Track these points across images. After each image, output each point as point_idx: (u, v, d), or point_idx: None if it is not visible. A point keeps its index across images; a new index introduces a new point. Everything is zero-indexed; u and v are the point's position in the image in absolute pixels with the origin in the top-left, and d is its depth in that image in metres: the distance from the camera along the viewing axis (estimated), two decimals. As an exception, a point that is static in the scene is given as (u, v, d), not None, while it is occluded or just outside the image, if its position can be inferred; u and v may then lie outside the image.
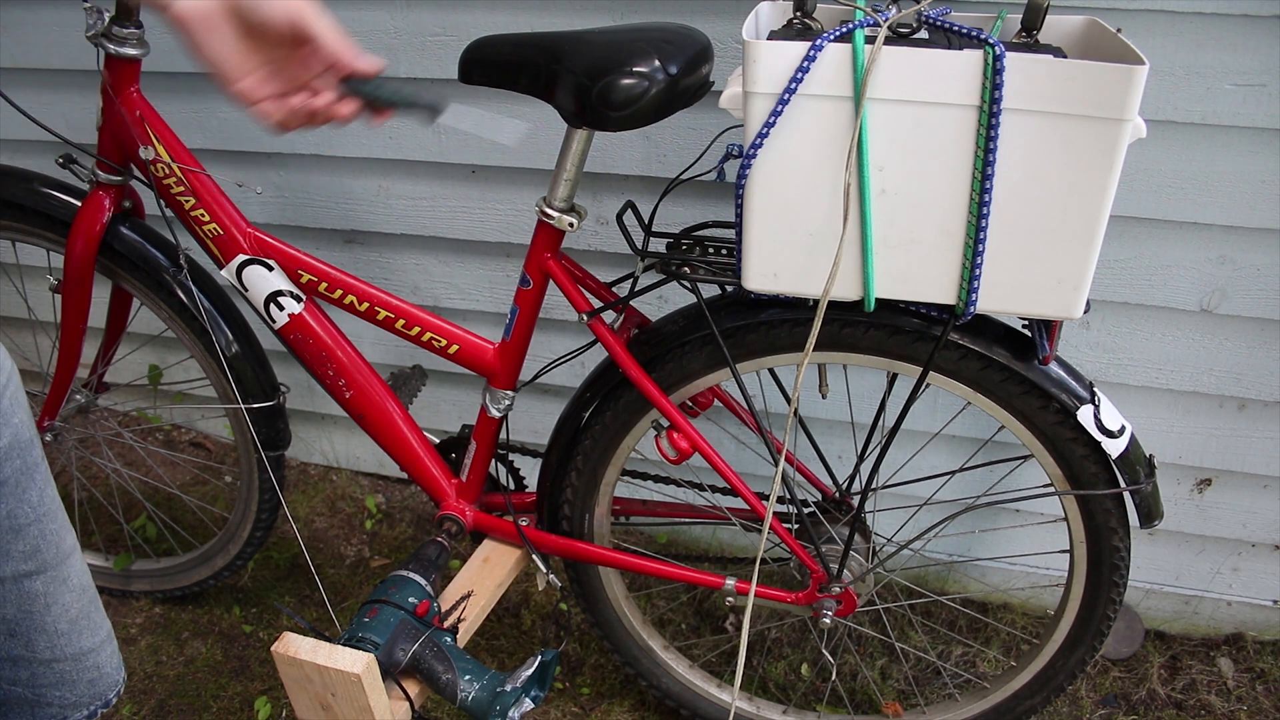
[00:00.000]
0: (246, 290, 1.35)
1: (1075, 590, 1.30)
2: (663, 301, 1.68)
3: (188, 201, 1.33)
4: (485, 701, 1.21)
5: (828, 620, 1.34)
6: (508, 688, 1.21)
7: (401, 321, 1.34)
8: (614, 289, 1.35)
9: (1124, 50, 0.96)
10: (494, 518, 1.47)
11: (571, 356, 1.43)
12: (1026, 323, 1.20)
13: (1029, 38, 1.03)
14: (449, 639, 1.28)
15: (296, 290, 1.35)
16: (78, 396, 1.66)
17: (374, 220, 1.80)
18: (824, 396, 1.40)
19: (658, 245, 1.30)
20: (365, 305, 1.34)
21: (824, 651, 1.63)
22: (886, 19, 0.96)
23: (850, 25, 0.94)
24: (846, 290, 1.07)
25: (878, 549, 1.44)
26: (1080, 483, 1.21)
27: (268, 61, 0.81)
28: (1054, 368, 1.17)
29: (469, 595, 1.38)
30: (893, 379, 1.32)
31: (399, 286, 1.86)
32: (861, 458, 1.41)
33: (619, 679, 1.69)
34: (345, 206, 1.80)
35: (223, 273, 1.36)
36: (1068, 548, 1.29)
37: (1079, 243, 0.99)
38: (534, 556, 1.42)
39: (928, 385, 1.21)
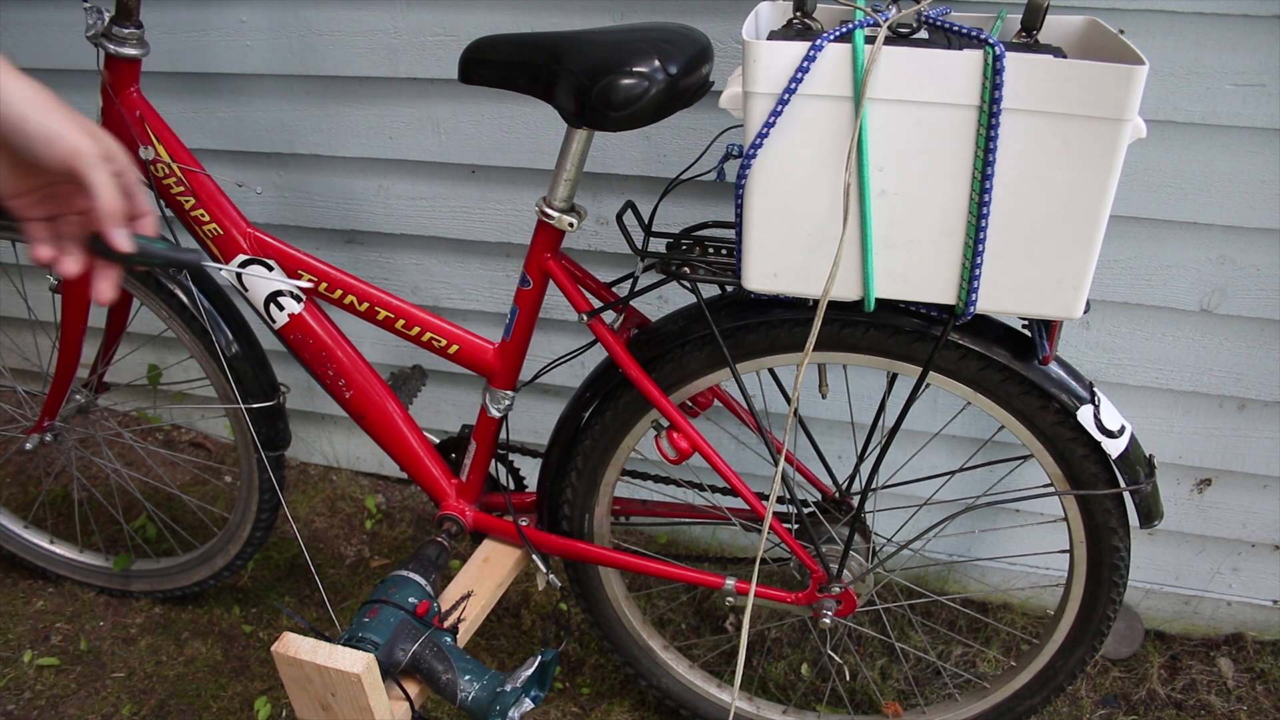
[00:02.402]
0: (246, 290, 1.35)
1: (1075, 590, 1.30)
2: (663, 301, 1.68)
3: (188, 201, 1.33)
4: (485, 701, 1.21)
5: (828, 620, 1.34)
6: (508, 688, 1.21)
7: (401, 321, 1.34)
8: (614, 289, 1.35)
9: (1124, 50, 0.96)
10: (494, 518, 1.47)
11: (571, 356, 1.43)
12: (1026, 323, 1.20)
13: (1029, 38, 1.03)
14: (449, 639, 1.28)
15: (296, 290, 1.35)
16: (78, 396, 1.66)
17: (374, 220, 1.80)
18: (824, 396, 1.40)
19: (658, 245, 1.30)
20: (365, 305, 1.34)
21: (830, 654, 1.63)
22: (886, 19, 0.96)
23: (850, 25, 0.94)
24: (846, 290, 1.07)
25: (878, 549, 1.44)
26: (1080, 483, 1.21)
27: (42, 186, 0.76)
28: (1054, 368, 1.17)
29: (469, 595, 1.38)
30: (893, 379, 1.32)
31: (399, 286, 1.86)
32: (861, 458, 1.41)
33: (619, 679, 1.69)
34: (345, 206, 1.80)
35: (223, 272, 1.36)
36: (1068, 548, 1.29)
37: (1079, 243, 0.99)
38: (534, 556, 1.42)
39: (928, 385, 1.21)
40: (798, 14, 1.07)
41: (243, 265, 1.34)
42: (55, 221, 0.77)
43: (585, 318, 1.26)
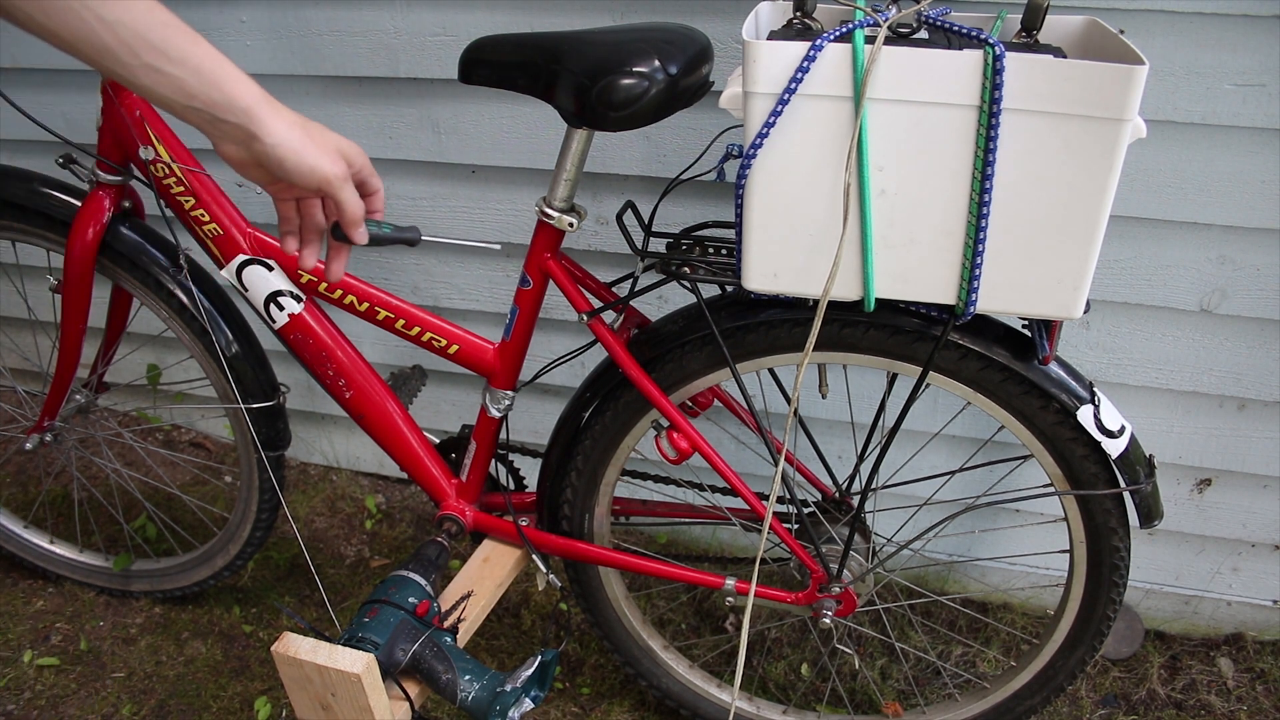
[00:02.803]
0: (246, 290, 1.35)
1: (1075, 590, 1.30)
2: (663, 301, 1.68)
3: (188, 201, 1.33)
4: (485, 701, 1.21)
5: (828, 620, 1.34)
6: (508, 688, 1.21)
7: (401, 321, 1.34)
8: (614, 289, 1.35)
9: (1124, 50, 0.96)
10: (494, 518, 1.47)
11: (571, 356, 1.43)
12: (1026, 323, 1.20)
13: (1029, 38, 1.03)
14: (449, 639, 1.28)
15: (297, 290, 1.35)
16: (78, 396, 1.66)
17: (374, 220, 1.79)
18: (824, 396, 1.39)
19: (658, 245, 1.30)
20: (365, 305, 1.34)
21: (840, 646, 1.63)
22: (886, 19, 0.96)
23: (850, 25, 0.94)
24: (846, 290, 1.07)
25: (878, 549, 1.44)
26: (1080, 483, 1.21)
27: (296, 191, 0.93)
28: (1054, 368, 1.17)
29: (469, 595, 1.38)
30: (893, 379, 1.32)
31: (399, 286, 1.86)
32: (861, 458, 1.41)
33: (619, 679, 1.69)
34: (345, 206, 1.80)
35: (223, 273, 1.36)
36: (1068, 548, 1.29)
37: (1079, 243, 0.99)
38: (534, 556, 1.42)
39: (928, 385, 1.21)
40: (798, 14, 1.07)
41: (242, 265, 1.34)
42: (305, 215, 0.95)
43: (585, 318, 1.26)
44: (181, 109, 0.83)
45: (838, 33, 0.95)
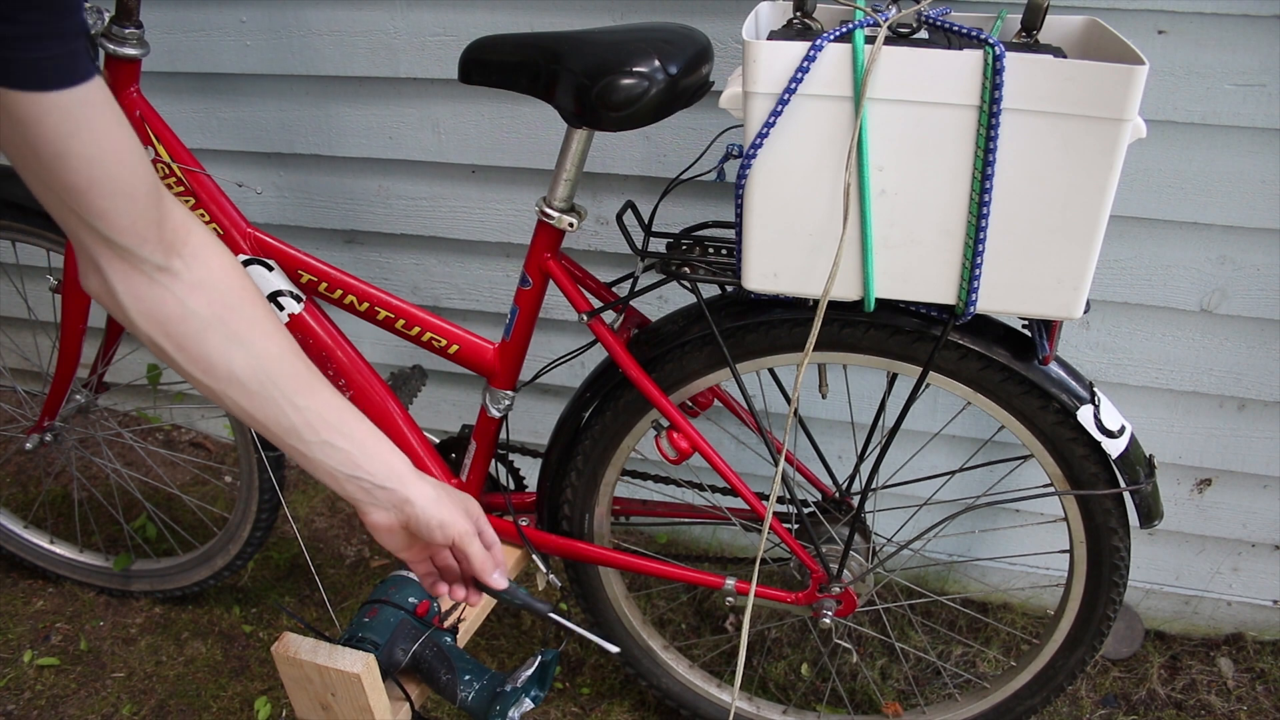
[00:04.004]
0: (246, 290, 1.35)
1: (1075, 590, 1.30)
2: (663, 301, 1.68)
3: (188, 202, 1.33)
4: (485, 701, 1.20)
5: (828, 620, 1.34)
6: (508, 688, 1.21)
7: (401, 321, 1.34)
8: (614, 289, 1.35)
9: (1124, 50, 0.96)
10: (494, 518, 1.46)
11: (571, 356, 1.43)
12: (1026, 323, 1.20)
13: (1029, 38, 1.03)
14: (449, 639, 1.28)
15: (297, 290, 1.35)
16: (78, 396, 1.66)
17: (374, 220, 1.80)
18: (824, 396, 1.39)
19: (658, 245, 1.30)
20: (365, 305, 1.34)
21: (841, 643, 1.63)
22: (886, 19, 0.96)
23: (850, 25, 0.94)
24: (846, 290, 1.07)
25: (878, 549, 1.44)
26: (1080, 483, 1.21)
27: (428, 548, 1.04)
28: (1054, 368, 1.17)
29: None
30: (893, 379, 1.32)
31: (399, 286, 1.86)
32: (861, 458, 1.41)
33: (619, 679, 1.69)
34: (345, 206, 1.80)
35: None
36: (1068, 548, 1.29)
37: (1079, 243, 0.99)
38: (534, 556, 1.42)
39: (928, 385, 1.21)
40: (798, 14, 1.07)
41: (242, 265, 1.34)
42: (441, 568, 1.07)
43: (585, 318, 1.26)
44: (344, 479, 0.93)
45: (838, 33, 0.95)
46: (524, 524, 1.42)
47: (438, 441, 1.48)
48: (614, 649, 1.16)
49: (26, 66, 0.68)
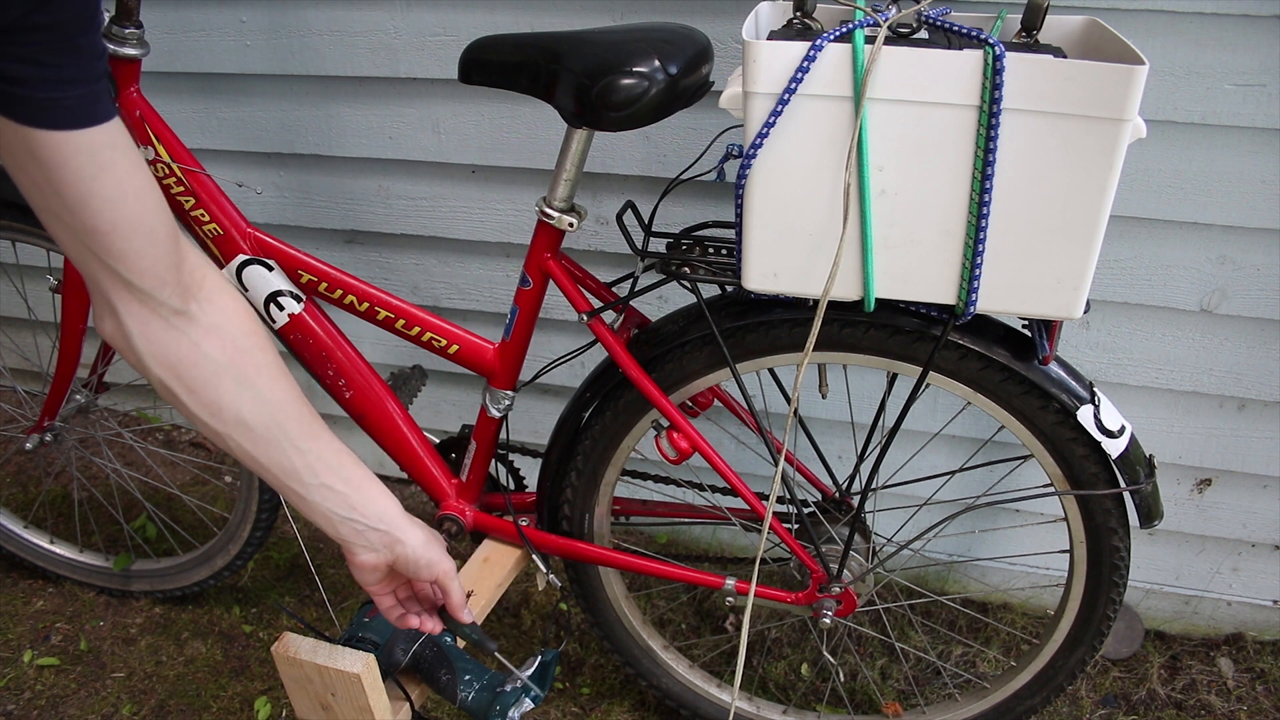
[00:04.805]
0: (246, 290, 1.35)
1: (1075, 590, 1.30)
2: (663, 301, 1.68)
3: (188, 202, 1.33)
4: (485, 701, 1.21)
5: (828, 620, 1.34)
6: (508, 688, 1.21)
7: (401, 321, 1.34)
8: (614, 289, 1.35)
9: (1124, 50, 0.96)
10: (494, 518, 1.47)
11: (571, 356, 1.43)
12: (1026, 323, 1.20)
13: (1029, 38, 1.03)
14: (449, 639, 1.28)
15: (297, 290, 1.35)
16: (78, 396, 1.66)
17: (374, 220, 1.80)
18: (824, 396, 1.39)
19: (658, 245, 1.30)
20: (365, 305, 1.34)
21: (847, 643, 1.63)
22: (886, 19, 0.96)
23: (850, 25, 0.94)
24: (846, 290, 1.07)
25: (878, 549, 1.44)
26: (1080, 483, 1.21)
27: (401, 581, 1.07)
28: (1054, 368, 1.17)
29: (469, 595, 1.38)
30: (893, 379, 1.32)
31: (399, 286, 1.86)
32: (861, 458, 1.41)
33: (619, 679, 1.69)
34: (345, 206, 1.80)
35: (223, 273, 1.36)
36: (1068, 548, 1.29)
37: (1079, 243, 0.99)
38: (534, 556, 1.42)
39: (928, 385, 1.21)
40: (798, 14, 1.07)
41: (242, 265, 1.34)
42: (407, 599, 1.10)
43: (585, 318, 1.26)
44: (339, 521, 0.95)
45: (838, 33, 0.95)
46: (524, 524, 1.42)
47: (438, 441, 1.48)
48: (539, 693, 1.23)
49: (54, 107, 0.68)
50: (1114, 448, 1.18)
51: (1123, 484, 1.20)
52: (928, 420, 1.66)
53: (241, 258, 1.34)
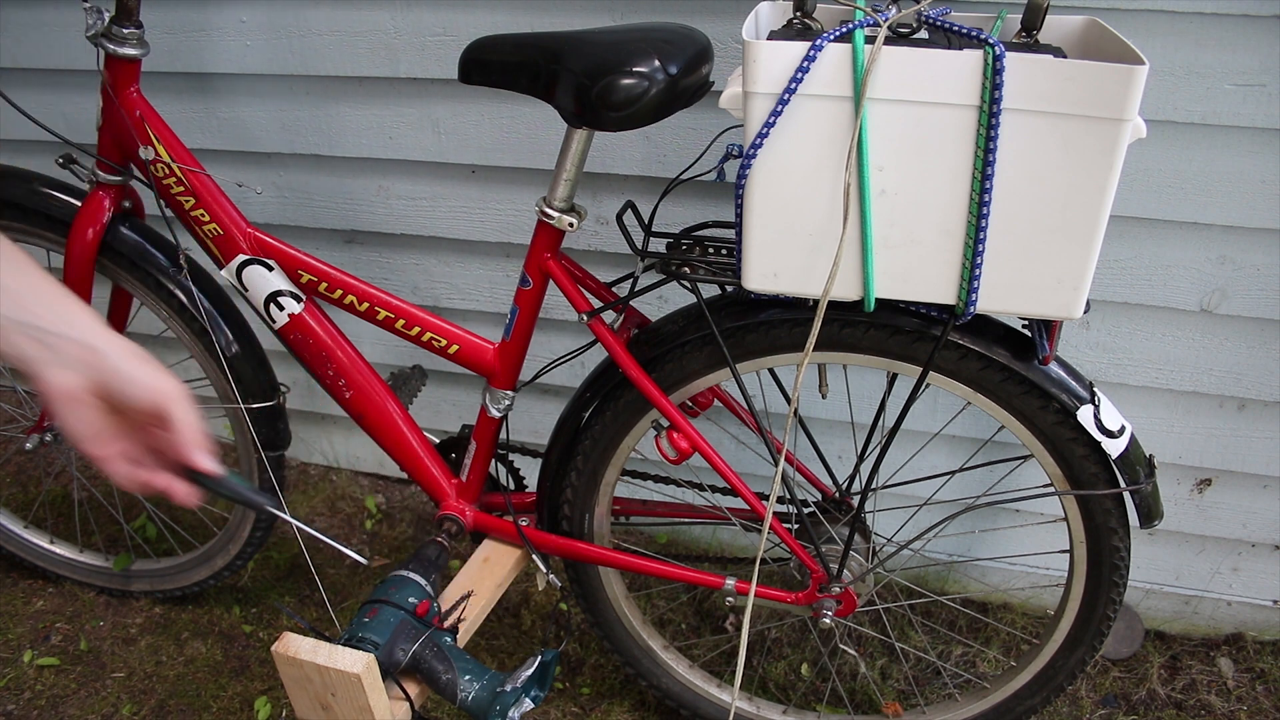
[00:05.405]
0: (246, 290, 1.35)
1: (1075, 590, 1.30)
2: (663, 301, 1.68)
3: (188, 201, 1.33)
4: (485, 701, 1.21)
5: (828, 620, 1.34)
6: (508, 688, 1.21)
7: (401, 321, 1.34)
8: (614, 289, 1.35)
9: (1124, 50, 0.96)
10: (494, 518, 1.47)
11: (571, 356, 1.43)
12: (1026, 323, 1.20)
13: (1029, 38, 1.03)
14: (449, 639, 1.28)
15: (297, 290, 1.35)
16: (78, 396, 1.65)
17: (374, 220, 1.80)
18: (824, 396, 1.39)
19: (658, 245, 1.30)
20: (365, 305, 1.34)
21: (843, 646, 1.63)
22: (886, 19, 0.96)
23: (850, 25, 0.94)
24: (846, 290, 1.07)
25: (878, 549, 1.44)
26: (1080, 483, 1.21)
27: (124, 426, 0.81)
28: (1054, 368, 1.17)
29: (469, 595, 1.38)
30: (893, 379, 1.32)
31: (399, 286, 1.86)
32: (861, 458, 1.41)
33: (619, 679, 1.69)
34: (345, 206, 1.80)
35: (223, 273, 1.36)
36: (1068, 548, 1.29)
37: (1079, 243, 0.99)
38: (534, 556, 1.42)
39: (928, 385, 1.21)
40: (798, 14, 1.07)
41: (242, 265, 1.34)
42: (139, 456, 0.83)
43: (585, 318, 1.26)
44: (11, 327, 0.72)
45: (838, 33, 0.95)
46: (524, 524, 1.42)
47: (438, 441, 1.48)
48: (363, 560, 1.07)
49: None
50: (1114, 448, 1.18)
51: (1123, 484, 1.20)
52: (928, 420, 1.66)
53: (241, 258, 1.34)
